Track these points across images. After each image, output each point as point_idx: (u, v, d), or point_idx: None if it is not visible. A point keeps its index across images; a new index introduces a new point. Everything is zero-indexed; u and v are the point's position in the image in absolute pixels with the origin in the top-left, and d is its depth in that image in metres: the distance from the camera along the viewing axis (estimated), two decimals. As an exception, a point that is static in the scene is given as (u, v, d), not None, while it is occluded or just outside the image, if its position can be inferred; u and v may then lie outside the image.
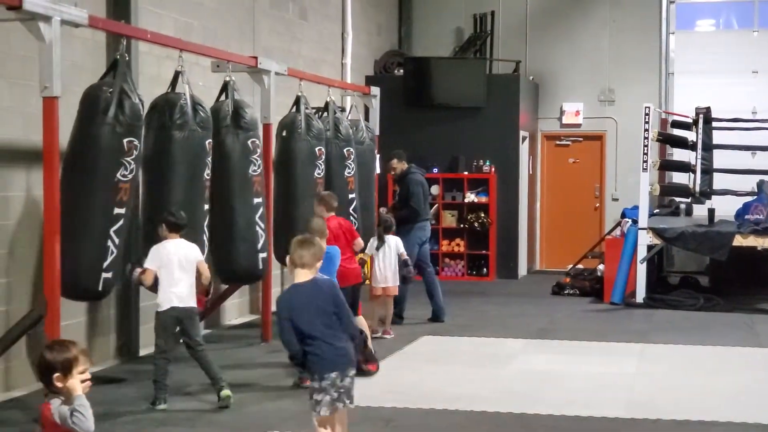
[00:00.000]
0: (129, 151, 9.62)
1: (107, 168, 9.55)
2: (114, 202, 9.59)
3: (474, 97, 19.43)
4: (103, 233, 9.55)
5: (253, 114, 11.97)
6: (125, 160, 9.61)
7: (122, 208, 9.68)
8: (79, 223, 9.39)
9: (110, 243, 9.59)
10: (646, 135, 16.30)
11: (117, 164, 9.57)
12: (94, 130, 9.52)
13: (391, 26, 21.20)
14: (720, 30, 21.42)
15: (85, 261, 9.48)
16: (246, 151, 11.71)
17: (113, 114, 9.50)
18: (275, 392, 9.94)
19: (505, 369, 11.27)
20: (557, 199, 21.25)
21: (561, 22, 21.11)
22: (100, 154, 9.54)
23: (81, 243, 9.43)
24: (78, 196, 9.42)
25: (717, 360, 11.99)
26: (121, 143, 9.57)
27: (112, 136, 9.53)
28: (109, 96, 9.52)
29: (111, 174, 9.55)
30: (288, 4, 16.17)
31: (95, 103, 9.55)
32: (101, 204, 9.57)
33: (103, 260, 9.56)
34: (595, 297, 16.87)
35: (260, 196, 11.86)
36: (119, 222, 9.66)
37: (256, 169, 11.80)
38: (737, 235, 15.69)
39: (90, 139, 9.55)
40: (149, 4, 12.00)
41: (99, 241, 9.54)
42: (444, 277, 19.33)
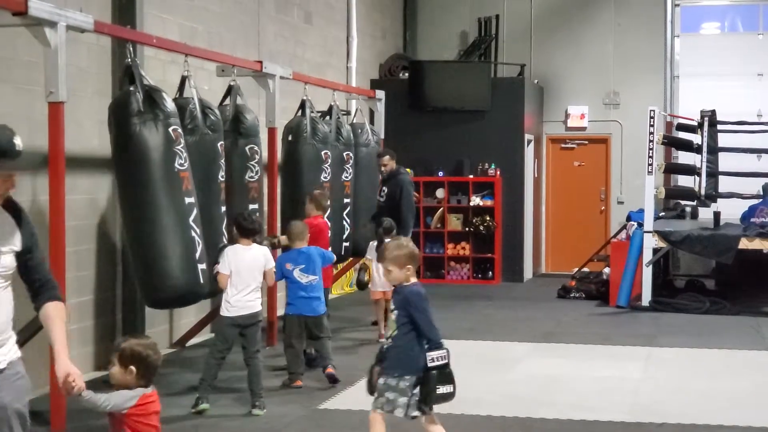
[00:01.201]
0: (177, 140, 9.72)
1: (164, 160, 9.63)
2: (182, 192, 9.67)
3: (479, 101, 19.44)
4: (184, 225, 9.66)
5: (254, 120, 11.97)
6: (177, 149, 9.69)
7: (191, 196, 9.77)
8: (154, 221, 9.47)
9: (194, 233, 9.69)
10: (651, 138, 16.30)
11: (172, 154, 9.65)
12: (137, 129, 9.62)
13: (395, 30, 21.22)
14: (725, 33, 21.42)
15: (175, 258, 9.58)
16: (244, 156, 11.72)
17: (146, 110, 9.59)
18: (280, 396, 9.94)
19: (510, 373, 11.27)
20: (563, 203, 21.24)
21: (565, 25, 21.12)
22: (154, 151, 9.61)
23: (163, 241, 9.51)
24: (143, 194, 9.50)
25: (723, 363, 11.98)
26: (168, 132, 9.65)
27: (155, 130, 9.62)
28: (138, 95, 9.58)
29: (169, 165, 9.62)
30: (293, 9, 16.20)
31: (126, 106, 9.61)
32: (169, 196, 9.64)
33: (194, 252, 9.65)
34: (600, 300, 16.85)
35: (256, 202, 11.87)
36: (194, 211, 9.74)
37: (254, 176, 11.81)
38: (743, 238, 15.67)
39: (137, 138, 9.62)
40: (155, 9, 12.02)
41: (183, 234, 9.64)
42: (449, 281, 19.39)
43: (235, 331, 9.31)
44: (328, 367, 10.48)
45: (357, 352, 12.29)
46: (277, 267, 10.28)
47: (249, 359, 9.38)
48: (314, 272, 10.41)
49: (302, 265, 10.35)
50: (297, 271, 10.32)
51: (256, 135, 11.94)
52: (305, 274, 10.33)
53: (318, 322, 10.48)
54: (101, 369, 10.93)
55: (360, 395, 9.92)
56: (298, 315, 10.38)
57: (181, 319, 12.68)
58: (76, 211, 10.35)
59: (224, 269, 9.29)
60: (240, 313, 9.25)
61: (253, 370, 9.36)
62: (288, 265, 10.33)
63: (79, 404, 5.38)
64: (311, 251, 10.53)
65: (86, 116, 10.81)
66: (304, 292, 10.34)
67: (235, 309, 9.26)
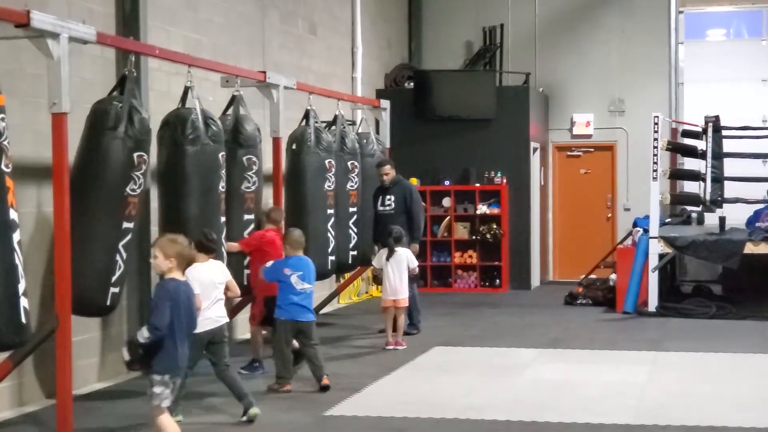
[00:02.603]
0: (138, 166, 9.67)
1: (116, 182, 9.60)
2: (123, 216, 9.63)
3: (484, 110, 19.49)
4: (111, 247, 9.60)
5: (254, 130, 12.02)
6: (134, 174, 9.66)
7: (130, 222, 9.72)
8: (87, 237, 9.41)
9: (118, 257, 9.63)
10: (656, 144, 16.32)
11: (126, 178, 9.61)
12: (104, 144, 9.58)
13: (400, 40, 21.29)
14: (730, 39, 21.44)
15: (93, 275, 9.53)
16: (241, 167, 11.77)
17: (123, 128, 9.56)
18: (286, 403, 9.97)
19: (517, 378, 11.29)
20: (569, 210, 21.26)
21: (570, 33, 21.17)
22: (109, 169, 9.58)
23: (89, 257, 9.47)
24: (86, 210, 9.45)
25: (729, 367, 11.98)
26: (131, 157, 9.63)
27: (122, 150, 9.58)
28: (119, 110, 9.59)
29: (120, 188, 9.60)
30: (297, 20, 16.27)
31: (104, 117, 9.61)
32: (110, 218, 9.60)
33: (112, 274, 9.60)
34: (607, 306, 16.87)
35: (251, 213, 11.91)
36: (127, 236, 9.70)
37: (250, 186, 11.86)
38: (748, 243, 15.70)
39: (99, 153, 9.60)
40: (159, 21, 12.10)
41: (107, 255, 9.58)
42: (457, 289, 19.43)
43: (202, 347, 9.18)
44: (324, 378, 10.51)
45: (364, 360, 12.32)
46: (273, 269, 10.33)
47: (221, 373, 9.33)
48: (310, 281, 10.50)
49: (300, 272, 10.44)
50: (295, 277, 10.39)
51: (255, 146, 11.99)
52: (302, 281, 10.42)
53: (309, 328, 10.55)
54: (106, 380, 11.00)
55: (366, 402, 10.01)
56: (291, 320, 10.44)
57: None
58: (82, 222, 10.36)
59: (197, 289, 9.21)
60: (206, 328, 9.11)
61: (230, 380, 9.33)
62: (286, 270, 10.40)
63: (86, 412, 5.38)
64: (309, 261, 10.62)
65: (91, 128, 10.86)
66: (298, 299, 10.41)
67: (204, 325, 9.04)
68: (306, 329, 10.54)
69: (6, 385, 9.48)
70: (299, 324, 10.49)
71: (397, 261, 13.00)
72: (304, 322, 10.51)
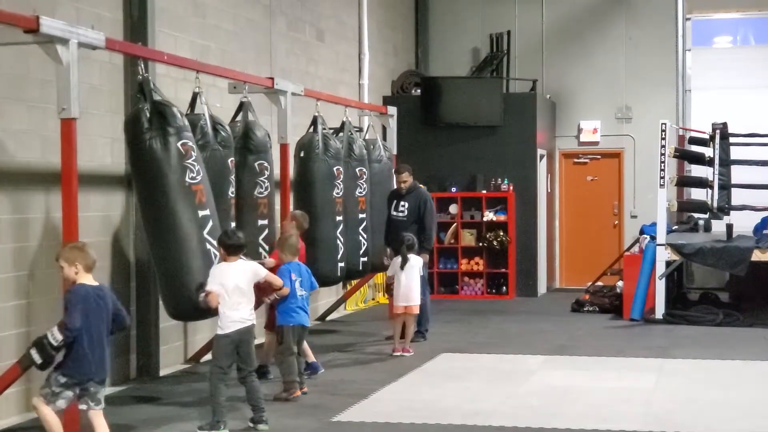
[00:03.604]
0: (187, 153, 9.77)
1: (175, 174, 9.71)
2: (195, 205, 9.74)
3: (491, 116, 19.50)
4: (199, 239, 9.71)
5: (264, 136, 12.03)
6: (188, 162, 9.76)
7: (205, 209, 9.83)
8: (172, 236, 9.55)
9: (210, 246, 9.75)
10: (663, 151, 16.32)
11: (183, 168, 9.73)
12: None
13: (407, 47, 21.32)
14: (737, 46, 21.44)
15: (192, 272, 9.68)
16: (252, 172, 11.79)
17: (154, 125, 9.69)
18: (293, 409, 9.97)
19: (523, 385, 11.28)
20: (576, 217, 21.26)
21: (577, 40, 21.19)
22: (163, 164, 9.71)
23: (183, 255, 9.63)
24: (159, 211, 9.59)
25: (736, 374, 11.96)
26: (177, 147, 9.74)
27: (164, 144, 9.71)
28: (147, 111, 9.69)
29: (181, 178, 9.70)
30: (305, 26, 16.30)
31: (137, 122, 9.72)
32: (184, 210, 9.73)
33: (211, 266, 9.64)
34: (614, 313, 16.86)
35: (265, 218, 11.92)
36: (209, 223, 9.81)
37: (263, 192, 11.87)
38: (756, 251, 15.68)
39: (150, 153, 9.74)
40: (166, 27, 12.12)
41: (199, 248, 9.71)
42: (463, 296, 19.42)
43: (233, 349, 9.21)
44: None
45: (371, 366, 12.32)
46: (283, 275, 10.32)
47: (245, 378, 9.30)
48: (306, 287, 10.58)
49: (300, 278, 10.50)
50: (297, 283, 10.43)
51: (265, 151, 11.99)
52: (301, 287, 10.48)
53: (304, 333, 10.74)
54: (115, 385, 11.01)
55: (374, 408, 10.01)
56: (298, 325, 10.47)
57: (195, 335, 12.73)
58: (90, 228, 10.39)
59: (213, 286, 9.21)
60: (236, 328, 9.17)
61: (252, 387, 9.29)
62: (293, 275, 10.41)
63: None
64: (305, 267, 10.74)
65: (99, 133, 10.91)
66: (298, 303, 10.46)
67: (231, 325, 9.17)
68: (304, 333, 10.69)
69: (14, 391, 9.48)
70: (304, 329, 10.57)
71: (409, 268, 12.99)
72: (306, 327, 10.61)
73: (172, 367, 12.15)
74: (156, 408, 10.11)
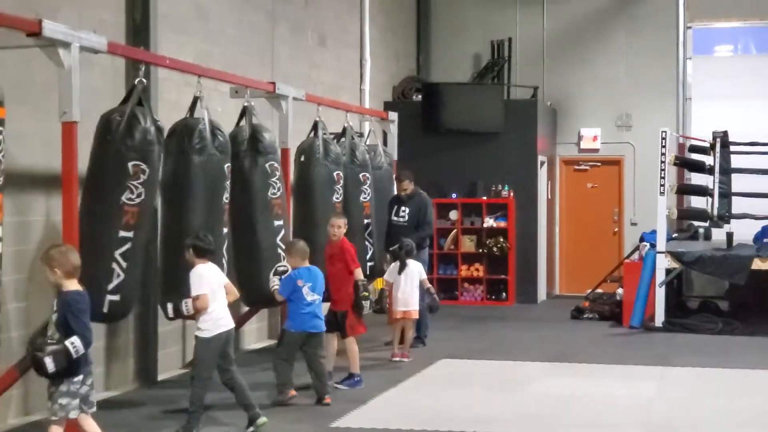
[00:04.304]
0: (135, 175, 9.54)
1: (111, 191, 9.51)
2: (119, 226, 9.51)
3: (492, 123, 19.50)
4: (108, 256, 9.55)
5: (272, 138, 12.03)
6: (131, 183, 9.53)
7: (129, 231, 9.57)
8: (84, 246, 9.29)
9: (116, 265, 9.57)
10: (663, 159, 16.32)
11: (122, 187, 9.49)
12: (101, 153, 9.56)
13: (409, 52, 21.33)
14: (738, 55, 21.45)
15: (89, 282, 9.54)
16: (264, 174, 11.77)
17: (120, 138, 9.47)
18: (292, 414, 9.97)
19: (523, 392, 11.28)
20: (576, 224, 21.26)
21: (578, 48, 21.20)
22: (104, 177, 9.53)
23: (85, 265, 9.51)
24: (83, 218, 9.41)
25: (736, 383, 11.96)
26: (126, 166, 9.50)
27: (116, 158, 9.49)
28: (119, 120, 9.53)
29: (115, 197, 9.49)
30: (307, 32, 16.30)
31: (105, 127, 9.58)
32: (105, 226, 9.52)
33: (108, 282, 9.54)
34: (614, 321, 16.85)
35: (281, 218, 11.90)
36: (126, 245, 9.57)
37: (276, 192, 11.85)
38: (756, 259, 15.68)
39: (96, 162, 9.58)
40: (169, 31, 12.12)
41: (103, 263, 9.52)
42: (463, 302, 19.42)
43: (218, 351, 9.16)
44: (327, 397, 10.45)
45: (370, 372, 12.28)
46: (287, 283, 10.31)
47: (230, 380, 9.27)
48: (319, 292, 10.47)
49: (310, 283, 10.38)
50: (306, 288, 10.34)
51: (274, 152, 12.00)
52: (311, 292, 10.36)
53: (319, 339, 10.50)
54: (112, 389, 11.00)
55: (372, 414, 10.01)
56: (302, 331, 10.38)
57: (193, 340, 12.67)
58: (90, 231, 10.37)
59: (202, 289, 9.13)
60: (224, 329, 9.17)
61: (240, 386, 9.27)
62: (300, 281, 10.35)
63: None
64: (318, 271, 10.59)
65: (100, 137, 10.88)
66: (309, 309, 10.34)
67: (216, 327, 9.13)
68: (315, 340, 10.47)
69: (12, 394, 9.49)
70: (309, 335, 10.40)
71: (408, 273, 12.99)
72: (314, 333, 10.44)
73: (170, 371, 12.13)
74: (154, 413, 10.09)
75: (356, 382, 11.31)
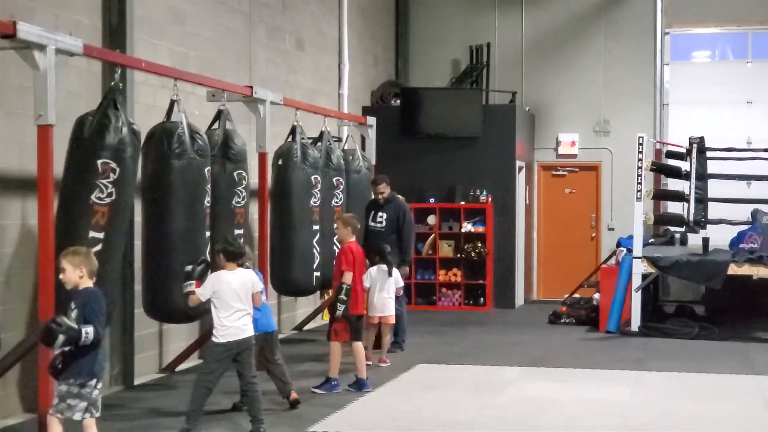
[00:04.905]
0: (104, 173, 9.47)
1: (79, 190, 9.46)
2: (89, 226, 9.43)
3: (470, 128, 19.52)
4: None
5: (243, 145, 12.03)
6: (100, 182, 9.45)
7: (100, 232, 9.48)
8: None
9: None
10: (640, 165, 16.38)
11: (90, 186, 9.43)
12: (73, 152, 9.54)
13: (387, 57, 21.33)
14: (715, 61, 21.53)
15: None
16: (231, 182, 11.77)
17: (89, 136, 9.44)
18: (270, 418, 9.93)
19: (500, 396, 11.28)
20: (554, 229, 21.30)
21: (556, 53, 21.25)
22: (74, 176, 9.50)
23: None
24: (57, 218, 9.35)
25: (711, 387, 11.99)
26: (95, 165, 9.43)
27: (85, 157, 9.46)
28: (91, 119, 9.52)
29: (84, 196, 9.43)
30: (285, 36, 16.28)
31: (79, 127, 9.56)
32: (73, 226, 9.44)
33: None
34: (591, 326, 16.88)
35: (241, 227, 11.90)
36: (97, 246, 9.39)
37: (240, 201, 11.85)
38: (732, 264, 15.72)
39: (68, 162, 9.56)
40: (145, 34, 12.09)
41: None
42: (441, 307, 19.41)
43: (228, 358, 9.18)
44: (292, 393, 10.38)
45: (348, 377, 12.23)
46: None
47: (246, 386, 9.26)
48: None
49: None
50: None
51: (244, 160, 12.01)
52: None
53: (272, 340, 10.34)
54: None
55: (350, 418, 9.99)
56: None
57: (170, 344, 12.69)
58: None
59: (203, 291, 9.10)
60: (234, 338, 9.13)
61: (253, 396, 9.24)
62: None
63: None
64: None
65: (76, 140, 10.84)
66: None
67: (228, 335, 9.11)
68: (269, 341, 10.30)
69: (13, 390, 9.46)
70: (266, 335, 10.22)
71: (384, 279, 12.98)
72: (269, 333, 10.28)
73: (147, 375, 12.10)
74: (130, 417, 10.06)
75: (333, 386, 11.29)
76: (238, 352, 9.16)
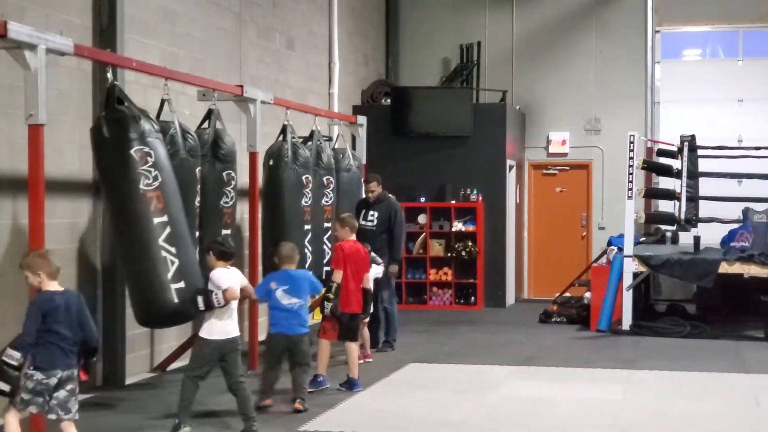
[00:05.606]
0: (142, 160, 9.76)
1: (132, 180, 9.72)
2: (150, 212, 9.68)
3: (461, 127, 19.52)
4: (154, 245, 9.68)
5: (232, 145, 12.02)
6: (143, 169, 9.71)
7: (162, 216, 9.74)
8: (129, 243, 9.50)
9: (165, 253, 9.74)
10: (631, 163, 16.39)
11: (137, 174, 9.70)
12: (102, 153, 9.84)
13: (378, 56, 21.32)
14: (706, 59, 21.56)
15: (148, 279, 9.68)
16: (220, 181, 11.76)
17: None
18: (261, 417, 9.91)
19: (491, 395, 11.27)
20: (544, 228, 21.31)
21: (547, 52, 21.25)
22: (123, 170, 9.73)
23: (138, 261, 9.62)
24: (114, 214, 9.53)
25: (702, 386, 12.00)
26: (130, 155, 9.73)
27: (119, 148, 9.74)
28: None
29: (135, 185, 9.69)
30: (275, 35, 16.26)
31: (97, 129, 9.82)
32: (139, 215, 9.68)
33: (167, 272, 9.67)
34: (582, 324, 16.90)
35: (229, 227, 11.88)
36: (166, 230, 9.70)
37: (228, 201, 11.84)
38: (723, 263, 15.73)
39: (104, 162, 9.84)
40: (136, 34, 12.06)
41: (154, 254, 9.67)
42: (432, 306, 19.41)
43: (216, 356, 9.19)
44: (297, 402, 10.26)
45: (338, 376, 12.23)
46: (262, 285, 10.27)
47: (234, 385, 9.23)
48: (298, 295, 10.34)
49: (286, 286, 10.26)
50: (280, 291, 10.23)
51: (233, 161, 12.01)
52: (287, 295, 10.25)
53: (297, 342, 10.29)
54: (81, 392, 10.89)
55: (341, 418, 9.99)
56: (281, 333, 10.27)
57: (162, 344, 12.67)
58: (56, 235, 10.33)
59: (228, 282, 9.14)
60: (223, 336, 9.13)
61: (242, 395, 9.22)
62: (272, 284, 10.29)
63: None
64: (301, 275, 10.50)
65: (67, 140, 10.83)
66: (285, 313, 10.22)
67: (216, 332, 9.12)
68: (294, 343, 10.28)
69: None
70: (288, 338, 10.26)
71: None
72: (292, 336, 10.26)
73: (138, 375, 12.08)
74: (121, 416, 10.03)
75: (320, 383, 11.28)
76: (225, 352, 9.16)
